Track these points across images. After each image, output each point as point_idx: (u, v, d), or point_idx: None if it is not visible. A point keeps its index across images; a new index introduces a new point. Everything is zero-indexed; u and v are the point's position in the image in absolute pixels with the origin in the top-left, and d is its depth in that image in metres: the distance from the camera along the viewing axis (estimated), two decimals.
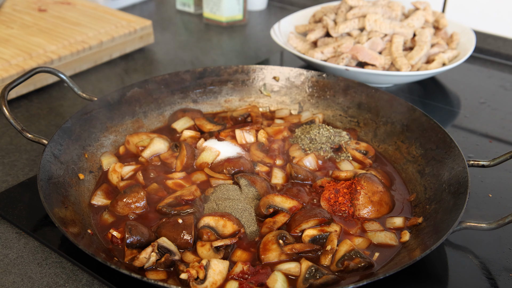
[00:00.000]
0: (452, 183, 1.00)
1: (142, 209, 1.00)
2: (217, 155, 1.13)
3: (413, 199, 1.06)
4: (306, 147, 1.19)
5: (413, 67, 1.49)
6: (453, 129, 1.38)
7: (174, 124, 1.26)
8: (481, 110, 1.48)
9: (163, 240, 0.89)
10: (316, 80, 1.36)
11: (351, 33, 1.59)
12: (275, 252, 0.89)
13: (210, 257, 0.88)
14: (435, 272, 0.92)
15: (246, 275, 0.85)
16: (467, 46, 1.59)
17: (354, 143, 1.21)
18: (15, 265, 0.91)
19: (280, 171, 1.12)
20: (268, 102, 1.39)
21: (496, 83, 1.65)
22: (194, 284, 0.81)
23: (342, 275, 0.86)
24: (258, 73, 1.39)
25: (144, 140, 1.18)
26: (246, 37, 1.99)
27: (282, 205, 0.99)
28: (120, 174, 1.09)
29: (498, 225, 0.88)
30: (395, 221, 0.99)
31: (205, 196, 1.03)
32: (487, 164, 1.04)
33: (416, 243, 0.91)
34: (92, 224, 0.97)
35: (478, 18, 1.85)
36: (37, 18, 1.77)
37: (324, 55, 1.54)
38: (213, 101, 1.38)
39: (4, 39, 1.60)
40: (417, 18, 1.59)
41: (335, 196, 1.02)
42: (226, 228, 0.92)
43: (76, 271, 0.90)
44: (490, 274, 0.91)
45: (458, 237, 0.98)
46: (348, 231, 0.97)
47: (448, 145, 1.07)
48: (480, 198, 1.11)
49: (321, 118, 1.32)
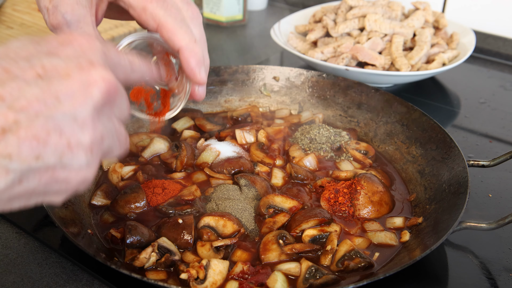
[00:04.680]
0: (452, 183, 1.00)
1: (142, 209, 1.00)
2: (217, 155, 1.13)
3: (413, 199, 1.06)
4: (306, 147, 1.19)
5: (413, 67, 1.49)
6: (453, 129, 1.38)
7: (174, 124, 1.26)
8: (481, 110, 1.48)
9: (163, 240, 0.89)
10: (316, 80, 1.36)
11: (351, 33, 1.59)
12: (275, 252, 0.89)
13: (210, 257, 0.88)
14: (435, 272, 0.92)
15: (246, 275, 0.85)
16: (467, 46, 1.59)
17: (354, 143, 1.21)
18: (15, 265, 0.91)
19: (280, 171, 1.12)
20: (268, 102, 1.39)
21: (496, 83, 1.65)
22: (194, 284, 0.82)
23: (342, 275, 0.86)
24: (258, 73, 1.39)
25: (144, 140, 1.18)
26: (246, 37, 1.99)
27: (282, 205, 0.99)
28: (120, 174, 1.09)
29: (498, 225, 0.88)
30: (395, 221, 0.99)
31: (205, 196, 1.03)
32: (487, 164, 1.04)
33: (416, 243, 0.91)
34: (92, 224, 0.97)
35: (478, 18, 1.85)
36: (37, 18, 1.77)
37: (324, 55, 1.54)
38: (213, 101, 1.38)
39: (4, 39, 1.60)
40: (417, 18, 1.60)
41: (335, 196, 1.02)
42: (226, 228, 0.92)
43: (76, 271, 0.90)
44: (490, 274, 0.91)
45: (458, 237, 0.98)
46: (348, 231, 0.97)
47: (448, 145, 1.07)
48: (480, 198, 1.11)
49: (321, 118, 1.32)
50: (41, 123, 0.50)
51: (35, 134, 0.49)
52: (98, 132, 0.55)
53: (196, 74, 0.82)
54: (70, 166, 0.53)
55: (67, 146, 0.52)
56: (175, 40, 0.80)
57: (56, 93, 0.51)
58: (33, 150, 0.50)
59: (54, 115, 0.51)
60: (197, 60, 0.81)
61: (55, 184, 0.54)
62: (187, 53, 0.80)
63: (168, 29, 0.80)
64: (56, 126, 0.51)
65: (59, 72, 0.53)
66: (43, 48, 0.55)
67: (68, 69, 0.53)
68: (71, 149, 0.52)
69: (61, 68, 0.53)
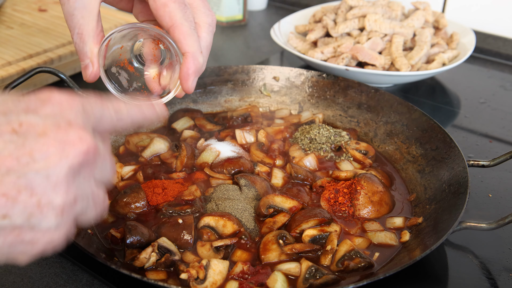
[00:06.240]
0: (452, 183, 1.00)
1: (142, 209, 1.00)
2: (217, 155, 1.13)
3: (413, 199, 1.06)
4: (306, 147, 1.19)
5: (413, 67, 1.49)
6: (453, 129, 1.38)
7: (174, 124, 1.26)
8: (481, 110, 1.48)
9: (163, 240, 0.89)
10: (316, 80, 1.36)
11: (351, 33, 1.59)
12: (275, 252, 0.89)
13: (210, 257, 0.88)
14: (435, 272, 0.92)
15: (246, 275, 0.85)
16: (467, 46, 1.59)
17: (354, 143, 1.21)
18: (15, 265, 0.91)
19: (280, 171, 1.12)
20: (268, 102, 1.39)
21: (496, 83, 1.65)
22: (194, 284, 0.82)
23: (342, 275, 0.86)
24: (258, 73, 1.39)
25: (144, 140, 1.18)
26: (246, 37, 1.99)
27: (282, 205, 0.99)
28: (120, 174, 1.09)
29: (498, 225, 0.88)
30: (395, 221, 0.99)
31: (205, 196, 1.03)
32: (487, 164, 1.04)
33: (416, 243, 0.91)
34: (92, 224, 0.97)
35: (478, 18, 1.85)
36: (37, 18, 1.76)
37: (324, 55, 1.54)
38: (213, 101, 1.38)
39: (4, 39, 1.60)
40: (417, 18, 1.60)
41: (335, 196, 1.02)
42: (226, 228, 0.92)
43: (76, 271, 0.90)
44: (490, 274, 0.91)
45: (458, 237, 0.98)
46: (348, 231, 0.97)
47: (448, 145, 1.07)
48: (480, 198, 1.11)
49: (321, 118, 1.32)
50: (12, 180, 0.48)
51: (4, 191, 0.48)
52: (71, 194, 0.52)
53: (189, 82, 0.83)
54: (38, 227, 0.51)
55: (37, 205, 0.50)
56: (184, 44, 0.81)
57: (30, 150, 0.50)
58: (0, 208, 0.48)
59: (27, 172, 0.49)
60: (196, 69, 0.83)
61: (20, 245, 0.51)
62: (191, 60, 0.82)
63: (181, 32, 0.81)
64: (28, 185, 0.49)
65: (36, 129, 0.51)
66: (22, 104, 0.53)
67: (45, 128, 0.51)
68: (41, 209, 0.50)
69: (38, 126, 0.51)
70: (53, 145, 0.51)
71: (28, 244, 0.52)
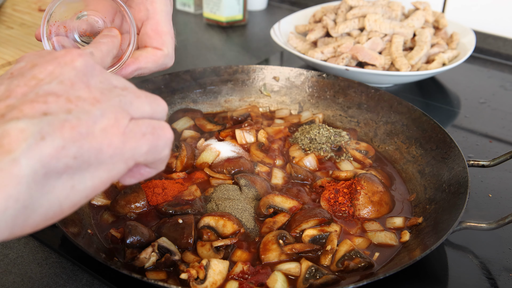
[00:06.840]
0: (452, 183, 1.00)
1: (142, 209, 1.00)
2: (217, 155, 1.13)
3: (413, 199, 1.06)
4: (306, 147, 1.19)
5: (413, 67, 1.49)
6: (453, 129, 1.38)
7: (174, 124, 1.26)
8: (481, 110, 1.48)
9: (163, 240, 0.89)
10: (316, 80, 1.36)
11: (351, 33, 1.59)
12: (275, 252, 0.89)
13: (210, 257, 0.88)
14: (435, 272, 0.92)
15: (246, 275, 0.85)
16: (467, 46, 1.59)
17: (354, 143, 1.21)
18: (15, 265, 0.91)
19: (280, 171, 1.12)
20: (268, 102, 1.39)
21: (496, 83, 1.65)
22: (194, 284, 0.81)
23: (342, 275, 0.86)
24: (258, 73, 1.39)
25: None
26: (246, 37, 1.99)
27: (282, 205, 0.99)
28: None
29: (498, 225, 0.88)
30: (395, 221, 0.99)
31: (205, 196, 1.03)
32: (487, 164, 1.04)
33: (416, 243, 0.91)
34: (92, 224, 0.97)
35: (478, 18, 1.85)
36: (37, 18, 1.76)
37: (324, 55, 1.54)
38: (213, 101, 1.38)
39: (4, 39, 1.60)
40: (417, 18, 1.60)
41: (335, 196, 1.02)
42: (226, 228, 0.92)
43: (76, 271, 0.90)
44: (490, 274, 0.91)
45: (458, 237, 0.98)
46: (348, 231, 0.97)
47: (448, 145, 1.07)
48: (480, 198, 1.11)
49: (321, 118, 1.32)
50: (31, 97, 0.51)
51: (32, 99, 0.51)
52: (93, 88, 0.56)
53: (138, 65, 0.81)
54: (84, 117, 0.52)
55: (68, 101, 0.52)
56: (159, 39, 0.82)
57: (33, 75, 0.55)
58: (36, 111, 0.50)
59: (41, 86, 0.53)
60: (156, 64, 0.83)
61: (84, 141, 0.51)
62: (159, 54, 0.83)
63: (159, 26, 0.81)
64: (49, 92, 0.52)
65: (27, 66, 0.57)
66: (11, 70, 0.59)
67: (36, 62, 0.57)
68: (74, 103, 0.53)
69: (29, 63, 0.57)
70: (49, 63, 0.56)
71: (90, 137, 0.52)
